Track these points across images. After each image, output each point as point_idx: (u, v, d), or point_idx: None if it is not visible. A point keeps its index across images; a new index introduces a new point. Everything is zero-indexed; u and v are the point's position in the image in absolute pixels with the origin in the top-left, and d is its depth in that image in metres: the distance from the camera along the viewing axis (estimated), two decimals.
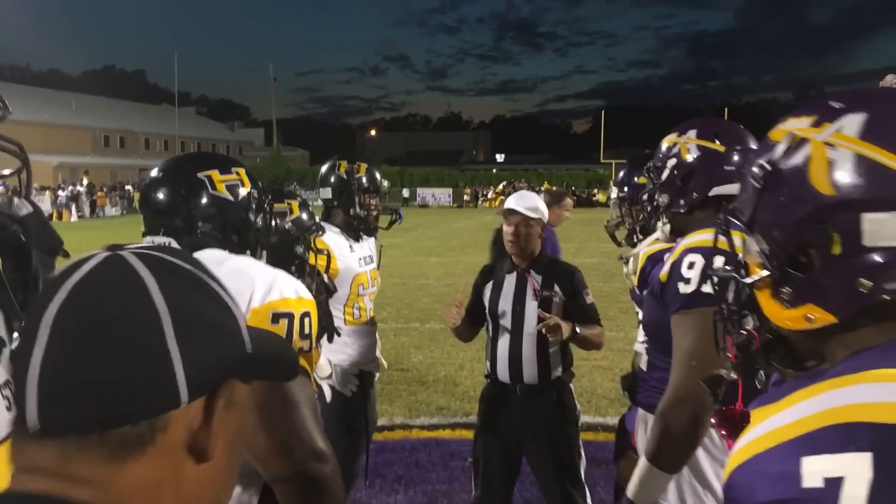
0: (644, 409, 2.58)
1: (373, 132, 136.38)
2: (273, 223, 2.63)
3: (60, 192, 38.65)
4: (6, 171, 1.47)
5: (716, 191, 2.32)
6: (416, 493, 4.76)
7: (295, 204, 2.82)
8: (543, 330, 3.37)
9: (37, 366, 0.71)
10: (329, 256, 3.00)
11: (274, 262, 2.67)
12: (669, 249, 3.06)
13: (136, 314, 0.73)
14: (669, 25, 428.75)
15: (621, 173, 3.77)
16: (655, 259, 3.13)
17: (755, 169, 1.03)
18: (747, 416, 1.39)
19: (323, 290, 2.91)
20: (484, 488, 3.66)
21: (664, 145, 2.50)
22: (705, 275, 2.08)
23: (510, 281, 3.63)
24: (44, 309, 0.74)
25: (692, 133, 2.41)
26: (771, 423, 0.88)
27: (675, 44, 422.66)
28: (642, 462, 2.19)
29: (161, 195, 1.99)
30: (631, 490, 2.22)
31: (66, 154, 52.81)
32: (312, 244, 2.86)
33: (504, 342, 3.60)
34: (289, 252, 2.74)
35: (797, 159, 0.98)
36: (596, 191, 51.24)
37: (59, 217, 35.59)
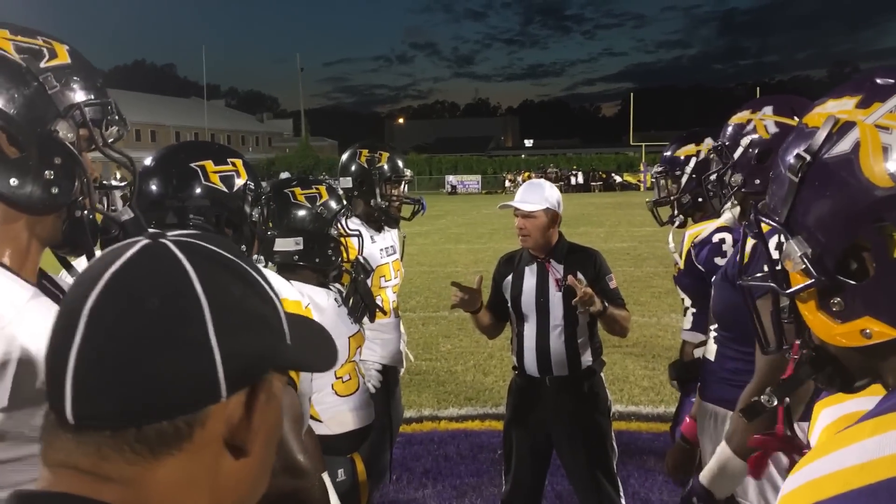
0: (713, 404, 2.46)
1: (401, 120, 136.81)
2: (286, 213, 2.63)
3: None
4: (122, 184, 1.64)
5: None
6: (444, 486, 4.67)
7: (323, 189, 2.85)
8: (577, 303, 3.28)
9: (73, 358, 0.68)
10: (361, 237, 2.97)
11: (310, 246, 2.75)
12: (718, 230, 2.94)
13: (177, 305, 0.70)
14: (699, 4, 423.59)
15: (667, 151, 3.59)
16: (704, 243, 3.00)
17: (790, 160, 0.89)
18: (790, 440, 1.29)
19: (360, 271, 2.90)
20: (514, 483, 3.58)
21: (734, 122, 2.42)
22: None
23: (530, 272, 3.53)
24: (83, 298, 0.70)
25: (768, 109, 2.34)
26: (835, 462, 0.75)
27: (705, 23, 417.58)
28: (723, 449, 2.05)
29: (153, 186, 1.95)
30: (706, 477, 2.07)
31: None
32: (344, 226, 2.84)
33: (530, 335, 3.50)
34: (324, 236, 2.77)
35: (843, 146, 0.84)
36: (617, 173, 50.87)
37: None
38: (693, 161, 3.22)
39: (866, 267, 0.84)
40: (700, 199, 3.21)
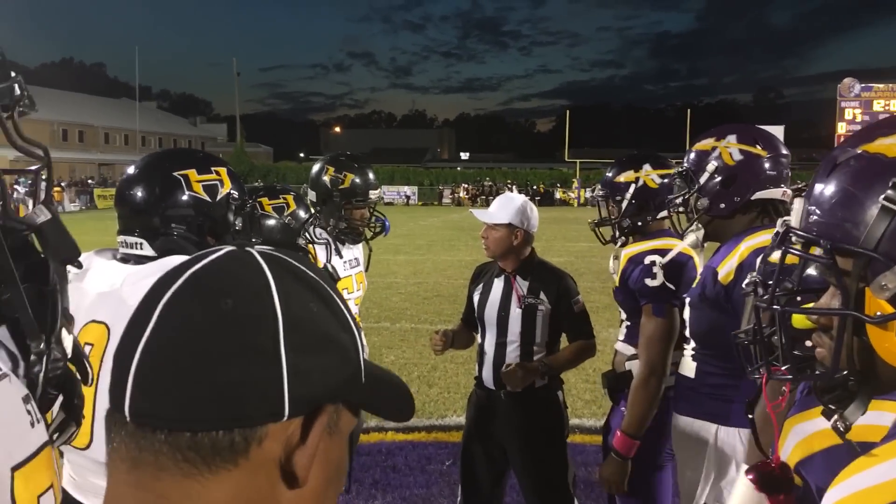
0: (693, 417, 2.54)
1: (337, 129, 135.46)
2: (256, 224, 2.58)
3: (17, 187, 37.85)
4: (31, 168, 1.32)
5: (759, 195, 2.41)
6: (394, 498, 4.68)
7: (290, 198, 2.82)
8: (506, 380, 3.35)
9: (139, 351, 0.67)
10: (329, 245, 2.96)
11: None
12: (651, 251, 3.06)
13: (251, 310, 0.68)
14: (632, 26, 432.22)
15: (609, 173, 3.68)
16: (636, 261, 3.11)
17: (884, 189, 0.93)
18: (787, 470, 1.34)
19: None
20: (469, 495, 3.59)
21: (699, 150, 2.57)
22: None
23: (497, 285, 3.56)
24: (160, 294, 0.69)
25: (732, 138, 2.49)
26: (881, 474, 0.81)
27: (638, 44, 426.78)
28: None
29: (136, 193, 1.95)
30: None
31: None
32: (312, 235, 2.82)
33: (489, 348, 3.52)
34: (291, 246, 2.74)
35: None
36: (560, 188, 51.80)
37: (17, 212, 35.01)
38: (633, 188, 3.32)
39: None
40: (640, 223, 3.32)
